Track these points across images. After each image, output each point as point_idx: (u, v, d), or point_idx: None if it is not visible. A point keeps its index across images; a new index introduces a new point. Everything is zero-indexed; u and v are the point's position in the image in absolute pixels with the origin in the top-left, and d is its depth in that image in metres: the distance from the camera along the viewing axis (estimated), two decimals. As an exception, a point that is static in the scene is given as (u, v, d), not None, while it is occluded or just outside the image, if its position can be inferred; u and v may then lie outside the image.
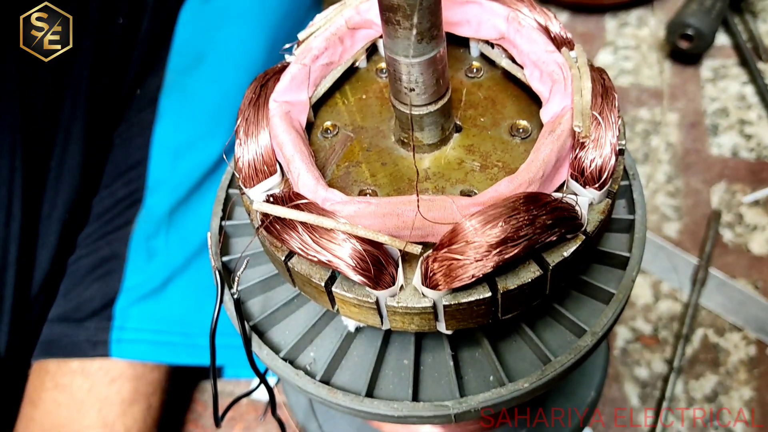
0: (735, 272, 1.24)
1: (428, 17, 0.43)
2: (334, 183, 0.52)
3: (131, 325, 1.05)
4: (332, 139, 0.55)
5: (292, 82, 0.54)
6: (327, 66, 0.57)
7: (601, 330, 0.52)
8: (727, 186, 1.35)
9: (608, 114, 0.47)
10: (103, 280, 1.05)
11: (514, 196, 0.43)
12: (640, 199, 0.58)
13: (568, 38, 0.54)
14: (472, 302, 0.44)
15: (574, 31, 1.67)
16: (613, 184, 0.47)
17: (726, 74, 1.55)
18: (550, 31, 0.53)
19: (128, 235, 1.07)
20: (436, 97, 0.49)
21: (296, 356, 0.56)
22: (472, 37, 0.57)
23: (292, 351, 0.56)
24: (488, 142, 0.52)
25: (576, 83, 0.48)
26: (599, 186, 0.46)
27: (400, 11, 0.42)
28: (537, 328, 0.55)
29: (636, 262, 0.55)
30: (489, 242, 0.41)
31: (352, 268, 0.43)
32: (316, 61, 0.55)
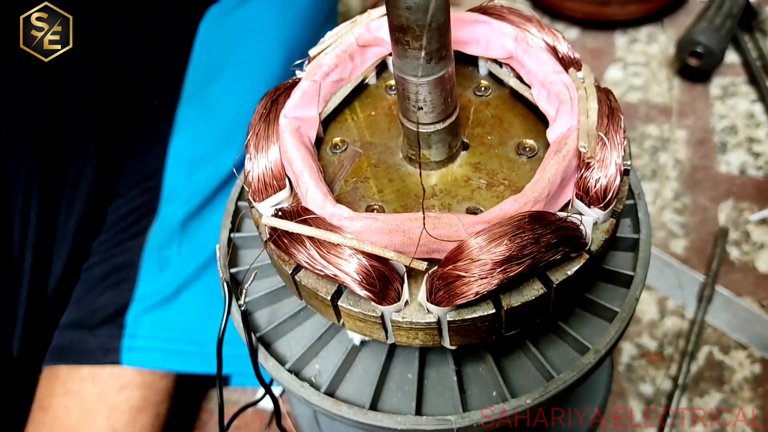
0: (741, 290, 1.24)
1: (437, 38, 0.44)
2: (342, 198, 0.53)
3: (142, 333, 1.06)
4: (341, 154, 0.56)
5: (303, 98, 0.55)
6: (337, 83, 0.58)
7: (604, 348, 0.53)
8: (735, 204, 1.36)
9: (614, 135, 0.47)
10: (115, 288, 1.07)
11: (519, 214, 0.44)
12: (645, 218, 0.59)
13: (575, 58, 0.54)
14: (476, 319, 0.45)
15: (584, 46, 1.68)
16: (618, 204, 0.48)
17: (735, 92, 1.56)
18: (558, 51, 0.54)
19: (142, 244, 1.09)
20: (444, 115, 0.50)
21: (302, 368, 0.57)
22: (481, 56, 0.58)
23: (297, 363, 0.57)
24: (495, 160, 0.52)
25: (582, 104, 0.49)
26: (604, 206, 0.46)
27: (410, 32, 0.43)
28: (540, 345, 0.56)
29: (640, 281, 0.56)
30: (493, 260, 0.42)
31: (358, 283, 0.44)
32: (327, 78, 0.57)
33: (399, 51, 0.45)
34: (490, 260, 0.42)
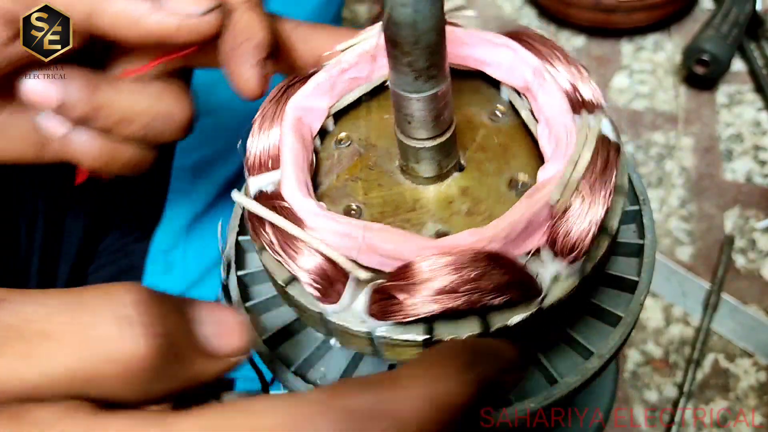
0: (747, 298, 1.24)
1: (426, 57, 0.43)
2: (328, 192, 0.53)
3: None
4: (343, 150, 0.57)
5: (316, 89, 0.56)
6: (354, 80, 0.58)
7: (608, 353, 0.53)
8: (741, 211, 1.36)
9: (599, 190, 0.46)
10: (121, 292, 1.07)
11: (469, 249, 0.43)
12: (650, 224, 0.58)
13: (594, 102, 0.52)
14: (405, 341, 0.45)
15: (590, 54, 1.68)
16: (588, 264, 0.46)
17: (741, 100, 1.56)
18: (578, 89, 0.52)
19: (147, 247, 1.09)
20: (433, 134, 0.49)
21: (307, 370, 0.57)
22: (502, 82, 0.56)
23: (303, 365, 0.57)
24: (485, 188, 0.51)
25: (577, 151, 0.47)
26: (568, 261, 0.45)
27: (398, 47, 0.43)
28: (544, 349, 0.56)
29: (644, 287, 0.56)
30: (433, 287, 0.42)
31: (307, 276, 0.45)
32: (344, 74, 0.56)
33: (391, 63, 0.45)
34: (429, 287, 0.42)
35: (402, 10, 0.40)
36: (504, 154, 0.53)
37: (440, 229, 0.50)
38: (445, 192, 0.52)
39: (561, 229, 0.45)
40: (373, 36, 0.58)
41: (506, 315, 0.45)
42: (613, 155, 0.47)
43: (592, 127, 0.49)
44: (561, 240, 0.44)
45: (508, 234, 0.44)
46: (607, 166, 0.46)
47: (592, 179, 0.46)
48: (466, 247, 0.44)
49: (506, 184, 0.51)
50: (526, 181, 0.51)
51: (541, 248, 0.46)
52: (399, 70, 0.45)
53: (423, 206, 0.52)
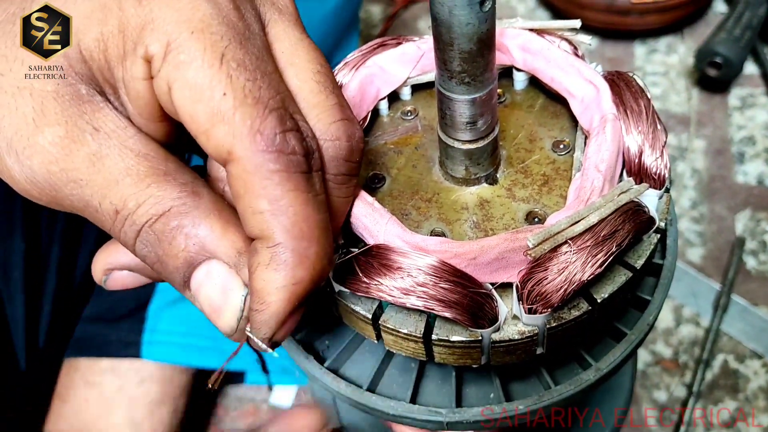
0: (757, 299, 1.24)
1: (459, 62, 0.44)
2: (367, 153, 0.54)
3: (163, 327, 1.08)
4: (405, 120, 0.58)
5: (401, 57, 0.57)
6: None
7: (606, 367, 0.52)
8: (752, 214, 1.36)
9: (593, 255, 0.44)
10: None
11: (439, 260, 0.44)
12: (674, 245, 0.57)
13: (653, 172, 0.50)
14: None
15: (603, 56, 1.68)
16: (552, 320, 0.45)
17: (754, 103, 1.56)
18: (643, 154, 0.50)
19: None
20: (464, 137, 0.50)
21: (312, 340, 0.58)
22: (577, 115, 0.55)
23: (308, 334, 0.57)
24: (503, 210, 0.51)
25: (587, 210, 0.45)
26: (528, 309, 0.44)
27: (437, 44, 0.44)
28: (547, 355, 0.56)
29: (656, 308, 0.54)
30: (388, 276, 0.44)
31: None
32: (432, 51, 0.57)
33: (436, 61, 0.46)
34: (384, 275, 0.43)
35: (440, 8, 0.41)
36: (541, 186, 0.53)
37: (436, 229, 0.51)
38: (465, 198, 0.53)
39: (535, 276, 0.44)
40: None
41: (449, 330, 0.45)
42: (629, 228, 0.45)
43: (622, 196, 0.46)
44: (530, 285, 0.44)
45: (477, 257, 0.44)
46: (614, 235, 0.45)
47: (589, 242, 0.44)
48: (432, 252, 0.45)
49: (525, 215, 0.51)
50: (542, 216, 0.51)
51: (513, 285, 0.45)
52: (438, 65, 0.46)
53: (438, 202, 0.53)
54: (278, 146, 0.36)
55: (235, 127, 0.36)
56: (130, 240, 0.38)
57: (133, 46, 0.37)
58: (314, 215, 0.38)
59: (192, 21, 0.37)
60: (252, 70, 0.37)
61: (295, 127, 0.38)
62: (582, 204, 0.46)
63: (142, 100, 0.38)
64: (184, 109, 0.37)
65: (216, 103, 0.36)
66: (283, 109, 0.38)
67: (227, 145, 0.36)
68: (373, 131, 0.58)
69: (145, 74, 0.37)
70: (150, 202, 0.37)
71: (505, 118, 0.57)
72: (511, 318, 0.46)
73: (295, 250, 0.37)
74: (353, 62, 0.57)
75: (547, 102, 0.58)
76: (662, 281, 0.56)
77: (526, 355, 0.48)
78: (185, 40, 0.36)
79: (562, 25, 0.57)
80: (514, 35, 0.57)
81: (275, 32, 0.42)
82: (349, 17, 1.36)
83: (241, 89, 0.36)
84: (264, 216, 0.37)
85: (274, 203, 0.37)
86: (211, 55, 0.36)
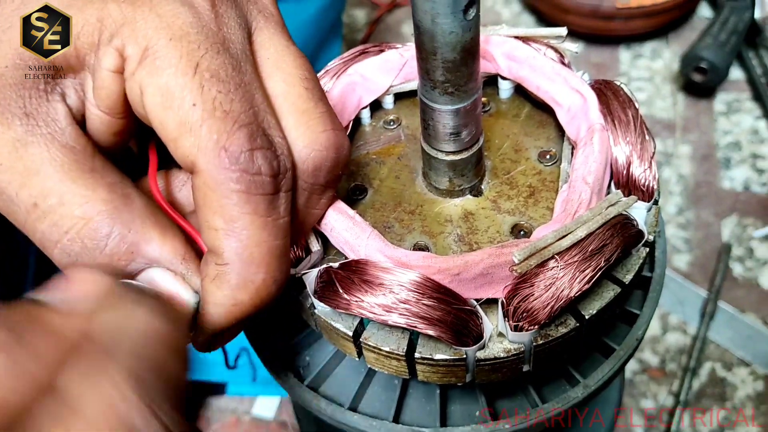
0: (744, 306, 1.23)
1: (442, 71, 0.43)
2: (350, 163, 0.53)
3: None
4: (388, 129, 0.57)
5: (384, 64, 0.56)
6: None
7: (594, 384, 0.51)
8: (739, 220, 1.35)
9: (580, 270, 0.43)
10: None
11: (422, 275, 0.42)
12: (662, 257, 0.56)
13: (641, 185, 0.49)
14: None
15: (589, 61, 1.68)
16: (538, 338, 0.44)
17: (739, 108, 1.55)
18: (631, 165, 0.49)
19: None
20: (447, 148, 0.48)
21: (292, 357, 0.56)
22: (564, 125, 0.53)
23: (288, 351, 0.56)
24: (488, 223, 0.50)
25: (575, 224, 0.44)
26: (514, 327, 0.43)
27: (420, 52, 0.43)
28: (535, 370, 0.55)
29: (645, 322, 0.53)
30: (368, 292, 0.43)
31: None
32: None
33: (419, 71, 0.45)
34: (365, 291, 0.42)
35: (422, 16, 0.40)
36: (527, 198, 0.51)
37: (420, 242, 0.49)
38: (449, 210, 0.51)
39: (521, 292, 0.43)
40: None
41: (433, 348, 0.44)
42: (618, 242, 0.44)
43: (610, 209, 0.45)
44: (516, 301, 0.43)
45: (461, 273, 0.43)
46: (602, 250, 0.43)
47: (576, 257, 0.43)
48: (414, 267, 0.43)
49: (510, 227, 0.50)
50: (528, 229, 0.49)
51: (498, 301, 0.44)
52: (420, 75, 0.45)
53: (422, 215, 0.51)
54: (243, 165, 0.35)
55: (201, 140, 0.35)
56: (47, 242, 0.36)
57: (110, 37, 0.36)
58: (269, 241, 0.37)
59: (171, 28, 0.36)
60: (226, 82, 0.36)
61: (266, 145, 0.36)
62: (569, 217, 0.45)
63: (106, 92, 0.37)
64: (155, 114, 0.36)
65: (185, 112, 0.35)
66: (255, 124, 0.36)
67: (192, 157, 0.35)
68: (355, 141, 0.56)
69: (115, 67, 0.36)
70: (75, 201, 0.35)
71: (490, 128, 0.56)
72: (496, 335, 0.44)
73: (241, 274, 0.36)
74: (334, 70, 0.56)
75: (533, 111, 0.57)
76: (651, 294, 0.54)
77: (512, 373, 0.46)
78: (162, 47, 0.35)
79: (548, 32, 0.55)
80: (499, 43, 0.55)
81: (261, 39, 0.41)
82: (332, 21, 1.35)
83: (212, 101, 0.35)
84: (218, 234, 0.36)
85: (229, 223, 0.36)
86: (186, 63, 0.35)
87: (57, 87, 0.37)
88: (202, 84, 0.35)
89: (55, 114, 0.37)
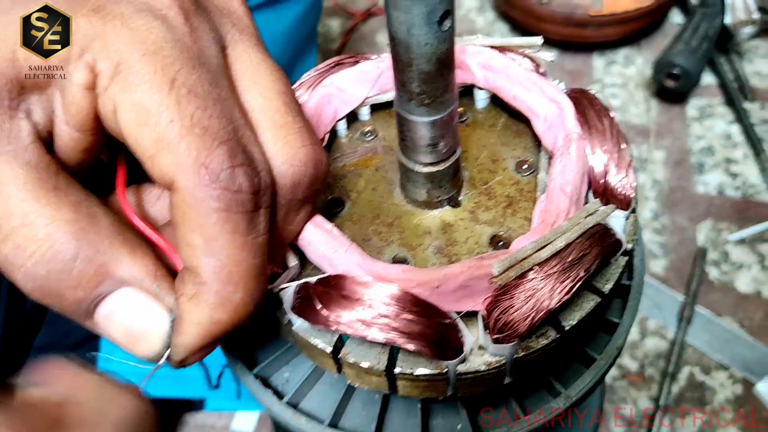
0: (721, 310, 1.24)
1: (418, 83, 0.42)
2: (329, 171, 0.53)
3: (118, 355, 1.04)
4: (364, 141, 0.56)
5: (359, 75, 0.55)
6: None
7: (576, 395, 0.51)
8: (713, 224, 1.37)
9: (560, 281, 0.42)
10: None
11: (401, 289, 0.42)
12: (640, 265, 0.55)
13: (619, 193, 0.48)
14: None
15: (563, 68, 1.69)
16: (519, 350, 0.43)
17: (712, 113, 1.57)
18: (608, 174, 0.49)
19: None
20: (424, 160, 0.48)
21: (270, 374, 0.55)
22: (540, 135, 0.53)
23: (266, 368, 0.55)
24: (467, 234, 0.50)
25: (553, 234, 0.44)
26: (494, 339, 0.42)
27: (396, 64, 0.42)
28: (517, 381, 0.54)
29: (624, 330, 0.52)
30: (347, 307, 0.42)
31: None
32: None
33: (395, 81, 0.44)
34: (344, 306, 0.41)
35: (398, 27, 0.39)
36: (506, 208, 0.51)
37: (399, 255, 0.49)
38: (428, 222, 0.51)
39: (501, 304, 0.42)
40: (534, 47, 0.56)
41: (413, 363, 0.43)
42: (597, 252, 0.44)
43: (588, 218, 0.45)
44: (496, 314, 0.42)
45: (441, 286, 0.43)
46: (582, 260, 0.43)
47: (556, 268, 0.43)
48: (393, 281, 0.42)
49: (489, 238, 0.49)
50: (507, 239, 0.49)
51: (479, 314, 0.43)
52: (396, 86, 0.44)
53: (400, 227, 0.50)
54: (223, 183, 0.34)
55: (180, 158, 0.34)
56: (10, 266, 0.35)
57: (80, 53, 0.35)
58: (248, 260, 0.36)
59: (145, 42, 0.35)
60: (203, 97, 0.35)
61: (246, 161, 0.36)
62: (548, 227, 0.45)
63: (76, 108, 0.36)
64: (129, 131, 0.35)
65: (162, 129, 0.34)
66: (234, 140, 0.35)
67: (171, 174, 0.34)
68: (332, 153, 0.56)
69: (86, 83, 0.35)
70: (39, 222, 0.34)
71: (467, 138, 0.55)
72: (477, 348, 0.44)
73: (219, 293, 0.36)
74: (309, 82, 0.55)
75: (510, 121, 0.57)
76: (630, 303, 0.54)
77: (493, 385, 0.46)
78: (136, 62, 0.34)
79: (523, 42, 0.55)
80: (474, 53, 0.55)
81: (236, 53, 0.40)
82: (307, 32, 1.34)
83: (190, 117, 0.34)
84: (196, 252, 0.35)
85: (208, 242, 0.35)
86: (161, 78, 0.34)
87: (22, 104, 0.36)
88: (179, 100, 0.34)
89: (19, 131, 0.35)
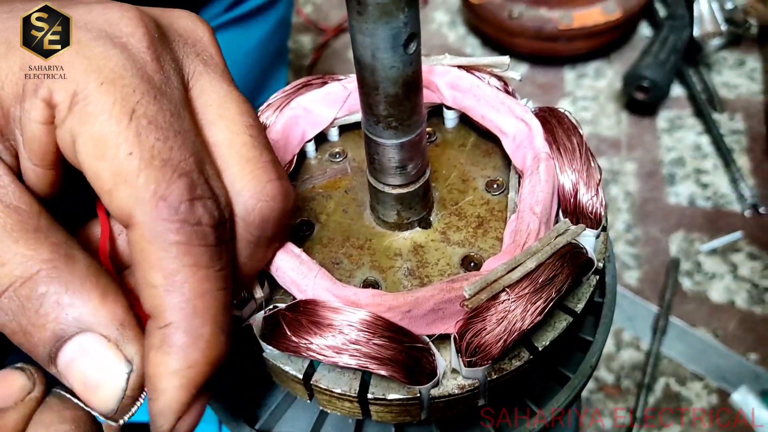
0: (695, 320, 1.25)
1: (385, 106, 0.42)
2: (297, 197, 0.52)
3: None
4: (333, 162, 0.56)
5: (327, 96, 0.55)
6: None
7: (550, 415, 0.51)
8: (685, 234, 1.38)
9: (531, 302, 0.42)
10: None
11: (372, 314, 0.41)
12: (612, 282, 0.55)
13: (589, 212, 0.48)
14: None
15: (534, 82, 1.70)
16: (492, 372, 0.43)
17: (682, 125, 1.59)
18: (578, 193, 0.49)
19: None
20: (394, 182, 0.47)
21: (242, 400, 0.54)
22: (510, 154, 0.53)
23: (237, 394, 0.54)
24: (438, 255, 0.49)
25: (524, 255, 0.43)
26: (467, 363, 0.42)
27: (362, 87, 0.42)
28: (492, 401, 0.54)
29: (598, 348, 0.52)
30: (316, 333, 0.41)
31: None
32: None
33: (362, 105, 0.44)
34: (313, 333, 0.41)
35: (362, 51, 0.39)
36: (476, 228, 0.51)
37: (369, 278, 0.48)
38: (399, 243, 0.50)
39: (473, 327, 0.42)
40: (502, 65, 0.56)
41: (386, 388, 0.43)
42: (568, 272, 0.44)
43: (559, 238, 0.45)
44: (468, 337, 0.42)
45: (412, 310, 0.42)
46: (553, 281, 0.43)
47: (527, 289, 0.42)
48: (364, 306, 0.42)
49: (460, 259, 0.49)
50: (478, 260, 0.48)
51: (451, 337, 0.43)
52: (363, 110, 0.44)
53: (371, 249, 0.50)
54: (182, 215, 0.33)
55: (138, 191, 0.33)
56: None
57: (35, 88, 0.34)
58: (212, 292, 0.35)
59: (103, 71, 0.34)
60: (165, 129, 0.34)
61: (207, 194, 0.35)
62: (518, 248, 0.44)
63: (37, 144, 0.35)
64: (88, 165, 0.33)
65: (120, 162, 0.33)
66: (196, 172, 0.35)
67: (128, 209, 0.33)
68: (300, 175, 0.55)
69: (44, 118, 0.34)
70: (16, 261, 0.33)
71: (437, 158, 0.55)
72: (450, 372, 0.43)
73: (188, 331, 0.34)
74: (276, 104, 0.55)
75: (479, 140, 0.56)
76: (603, 320, 0.54)
77: (467, 408, 0.45)
78: (93, 91, 0.33)
79: (491, 61, 0.55)
80: (442, 73, 0.55)
81: (201, 85, 0.39)
82: (277, 48, 1.34)
83: (150, 149, 0.33)
84: (157, 291, 0.34)
85: (168, 278, 0.33)
86: (121, 109, 0.33)
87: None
88: (138, 131, 0.33)
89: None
